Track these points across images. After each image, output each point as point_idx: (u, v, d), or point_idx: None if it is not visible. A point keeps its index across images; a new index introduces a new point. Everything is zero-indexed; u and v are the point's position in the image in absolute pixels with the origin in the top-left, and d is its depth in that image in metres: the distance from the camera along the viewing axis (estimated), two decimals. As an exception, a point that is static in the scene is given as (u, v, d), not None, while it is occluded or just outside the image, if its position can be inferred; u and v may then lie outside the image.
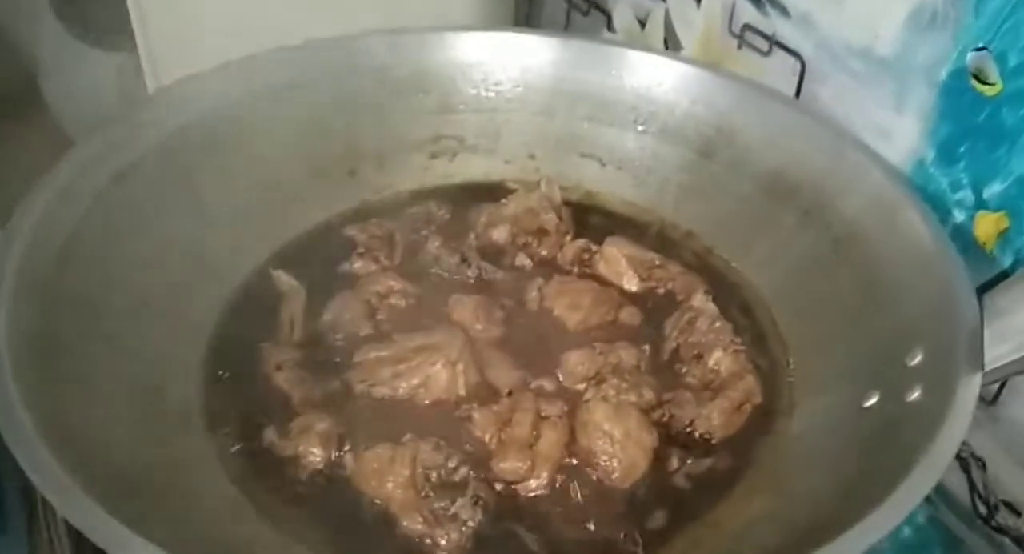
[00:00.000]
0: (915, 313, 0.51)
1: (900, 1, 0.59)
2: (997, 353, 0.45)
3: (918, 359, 0.49)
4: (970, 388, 0.45)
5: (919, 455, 0.42)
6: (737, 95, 0.65)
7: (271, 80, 0.65)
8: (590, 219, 0.68)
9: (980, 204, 0.59)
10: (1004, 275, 0.58)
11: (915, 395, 0.47)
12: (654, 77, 0.67)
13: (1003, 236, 0.58)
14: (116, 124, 0.58)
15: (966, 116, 0.59)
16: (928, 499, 0.64)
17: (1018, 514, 0.62)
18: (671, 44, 0.79)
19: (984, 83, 0.57)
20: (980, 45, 0.56)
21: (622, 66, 0.68)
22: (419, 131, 0.69)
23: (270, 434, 0.51)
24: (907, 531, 0.66)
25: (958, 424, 0.43)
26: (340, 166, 0.68)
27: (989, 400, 0.63)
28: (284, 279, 0.60)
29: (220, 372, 0.55)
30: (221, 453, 0.51)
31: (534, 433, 0.51)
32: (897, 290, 0.53)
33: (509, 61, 0.69)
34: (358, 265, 0.61)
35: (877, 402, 0.50)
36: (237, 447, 0.51)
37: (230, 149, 0.62)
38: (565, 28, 0.90)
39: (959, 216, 0.61)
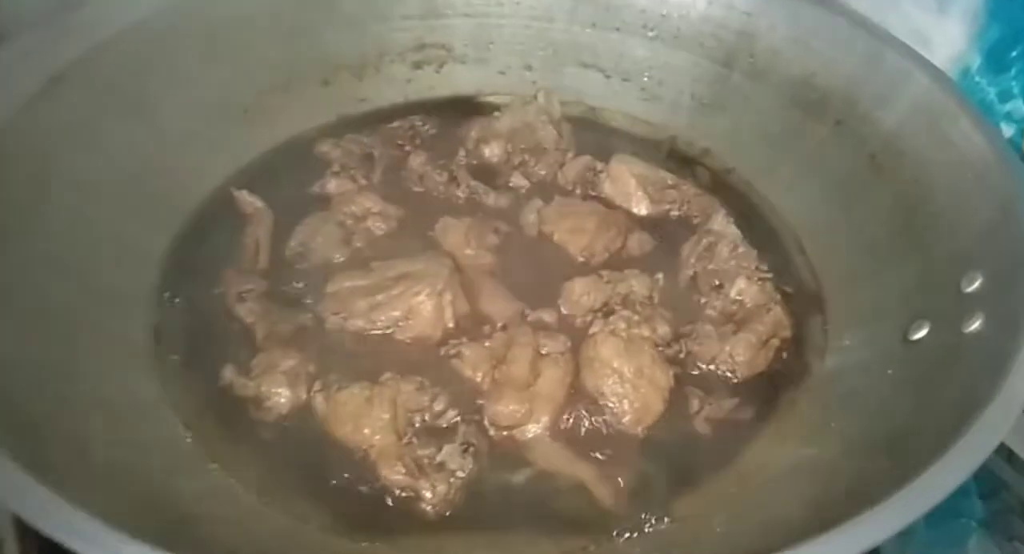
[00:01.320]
0: (971, 233, 0.45)
1: None
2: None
3: (977, 284, 0.43)
4: None
5: (986, 395, 0.36)
6: (764, -3, 0.57)
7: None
8: (593, 137, 0.61)
9: (1033, 115, 0.53)
10: None
11: (976, 325, 0.41)
12: (668, -26, 0.59)
13: (1057, 152, 0.52)
14: (55, 19, 0.50)
15: (1019, 16, 0.52)
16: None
17: None
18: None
19: (1044, -26, 0.50)
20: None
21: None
22: (400, 38, 0.62)
23: (229, 372, 0.45)
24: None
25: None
26: (312, 75, 0.60)
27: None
28: (248, 200, 0.53)
29: (173, 301, 0.48)
30: (172, 395, 0.44)
31: (533, 372, 0.45)
32: (948, 208, 0.47)
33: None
34: (332, 185, 0.54)
35: (928, 334, 0.44)
36: (190, 387, 0.44)
37: (184, 51, 0.55)
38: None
39: (1008, 130, 0.55)
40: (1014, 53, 0.53)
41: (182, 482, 0.40)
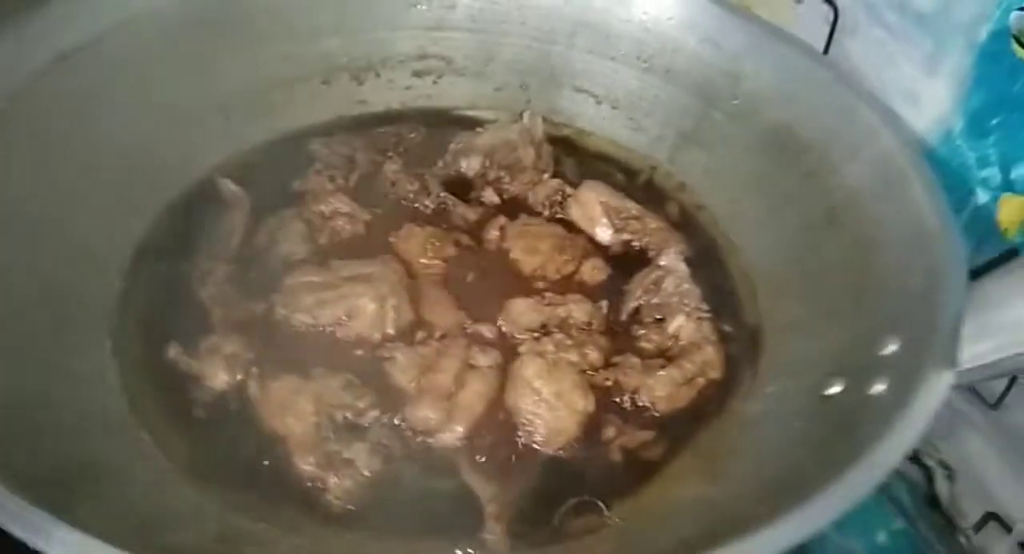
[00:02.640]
0: (900, 299, 0.46)
1: (944, -53, 0.53)
2: (977, 351, 0.39)
3: (892, 349, 0.44)
4: (936, 387, 0.39)
5: (858, 455, 0.37)
6: (750, 37, 0.59)
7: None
8: (575, 160, 0.63)
9: (1007, 185, 0.54)
10: None
11: (879, 388, 0.42)
12: (663, 9, 0.61)
13: (1026, 223, 0.52)
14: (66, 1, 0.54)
15: (1002, 84, 0.53)
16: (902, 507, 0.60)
17: (1008, 529, 0.58)
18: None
19: (1025, 47, 0.51)
20: (1024, 3, 0.50)
21: (632, -6, 0.62)
22: (404, 45, 0.65)
23: (175, 349, 0.48)
24: (883, 537, 0.62)
25: (913, 426, 0.38)
26: (314, 74, 0.63)
27: (992, 403, 0.58)
28: (230, 188, 0.57)
29: (142, 275, 0.52)
30: (120, 361, 0.48)
31: (458, 382, 0.47)
32: (886, 272, 0.48)
33: (509, -23, 0.64)
34: (310, 182, 0.57)
35: (840, 392, 0.45)
36: (138, 357, 0.48)
37: (192, 41, 0.58)
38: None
39: (983, 197, 0.55)
40: (995, 121, 0.53)
41: (105, 442, 0.43)
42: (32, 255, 0.48)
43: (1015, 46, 0.51)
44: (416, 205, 0.58)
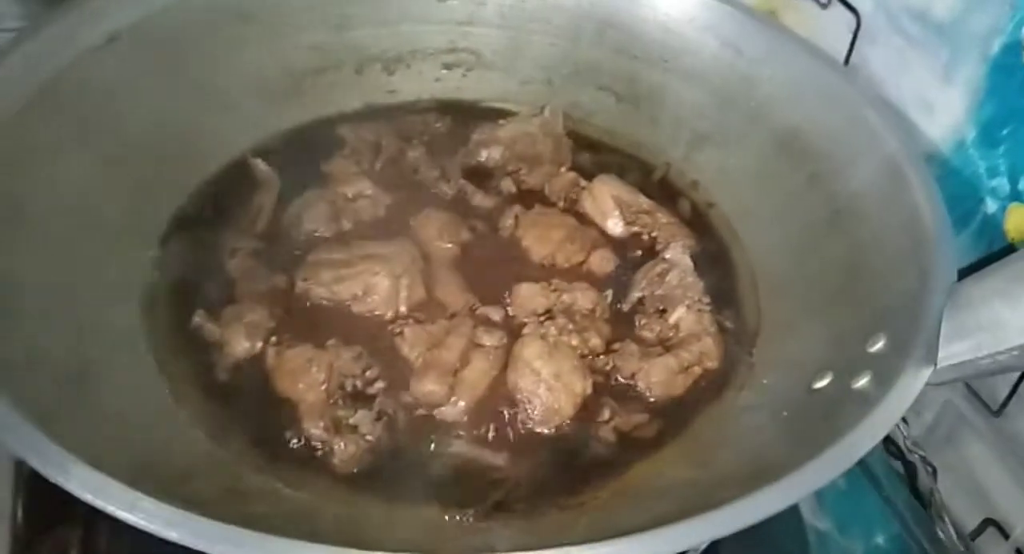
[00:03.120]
0: (892, 298, 0.47)
1: (962, -39, 0.54)
2: (953, 350, 0.41)
3: (879, 345, 0.46)
4: (913, 383, 0.41)
5: (831, 441, 0.39)
6: (768, 43, 0.60)
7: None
8: (594, 154, 0.65)
9: (1015, 195, 0.54)
10: None
11: (862, 382, 0.44)
12: (686, 11, 0.63)
13: (1033, 234, 0.53)
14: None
15: (1013, 96, 0.54)
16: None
17: (1006, 535, 0.58)
18: (736, -16, 0.74)
19: (1037, 61, 0.52)
20: (1037, 18, 0.51)
21: (657, -5, 0.64)
22: (436, 38, 0.67)
23: (200, 316, 0.51)
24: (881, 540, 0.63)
25: (886, 417, 0.39)
26: (347, 63, 0.66)
27: (995, 409, 0.59)
28: (261, 167, 0.60)
29: (176, 249, 0.55)
30: (150, 327, 0.51)
31: (463, 360, 0.50)
32: (883, 272, 0.49)
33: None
34: (337, 165, 0.60)
35: (827, 384, 0.47)
36: (168, 322, 0.51)
37: (231, 27, 0.61)
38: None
39: (991, 206, 0.56)
40: (1005, 131, 0.54)
41: (132, 398, 0.46)
42: (76, 222, 0.51)
43: (1026, 58, 0.52)
44: (436, 191, 0.60)
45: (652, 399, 0.51)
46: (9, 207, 0.48)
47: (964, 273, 0.56)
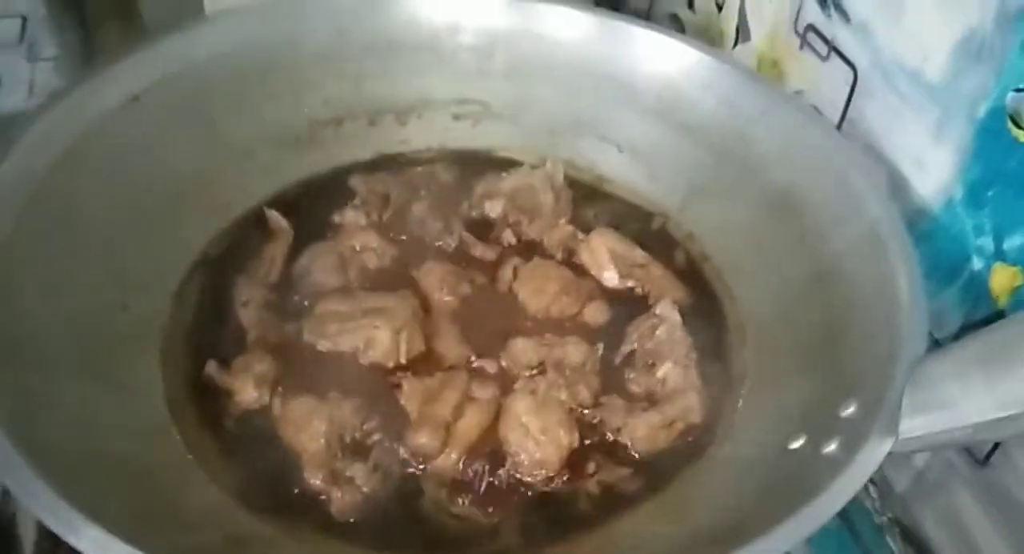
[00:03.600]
0: (864, 365, 0.49)
1: (952, 24, 0.55)
2: (913, 425, 0.42)
3: (850, 411, 0.47)
4: (875, 453, 0.42)
5: (795, 509, 0.41)
6: (764, 102, 0.62)
7: (313, 22, 0.67)
8: (595, 204, 0.67)
9: (999, 255, 0.56)
10: None
11: (831, 447, 0.46)
12: (684, 69, 0.65)
13: (1016, 293, 0.54)
14: (143, 46, 0.61)
15: (998, 159, 0.55)
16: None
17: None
18: (742, 33, 0.76)
19: (1020, 127, 0.53)
20: (1020, 86, 0.52)
21: (655, 52, 0.66)
22: (447, 90, 0.70)
23: (212, 366, 0.54)
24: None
25: (848, 487, 0.41)
26: (362, 115, 0.69)
27: (980, 460, 0.60)
28: (275, 218, 0.63)
29: (192, 298, 0.58)
30: (165, 374, 0.54)
31: (457, 413, 0.52)
32: (857, 337, 0.51)
33: (545, 32, 0.68)
34: (348, 216, 0.63)
35: (801, 446, 0.49)
36: (180, 369, 0.54)
37: (248, 83, 0.64)
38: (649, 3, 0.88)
39: (978, 264, 0.57)
40: (990, 193, 0.55)
41: (142, 445, 0.49)
42: (95, 272, 0.54)
43: (1010, 125, 0.54)
44: (440, 243, 0.63)
45: (636, 454, 0.53)
46: (34, 262, 0.51)
47: (957, 335, 0.58)
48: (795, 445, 0.49)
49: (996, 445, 0.59)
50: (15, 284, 0.49)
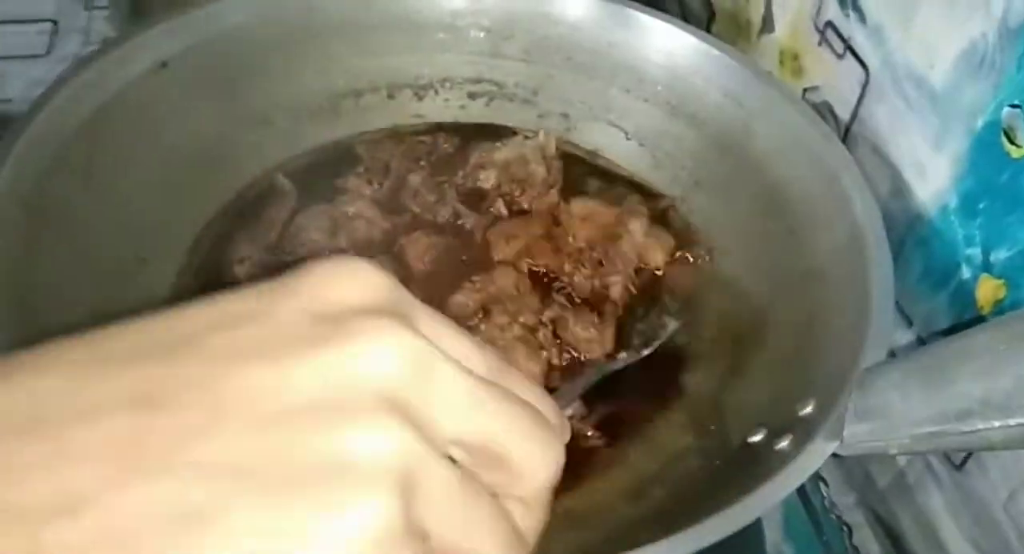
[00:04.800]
0: (828, 367, 0.48)
1: (958, 34, 0.54)
2: (856, 431, 0.42)
3: (808, 410, 0.47)
4: (817, 455, 0.42)
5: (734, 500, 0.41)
6: (768, 99, 0.61)
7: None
8: (602, 184, 0.67)
9: (986, 266, 0.55)
10: None
11: (783, 444, 0.45)
12: (695, 61, 0.64)
13: (999, 305, 0.54)
14: (171, 16, 0.62)
15: (990, 172, 0.54)
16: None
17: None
18: (767, 23, 0.75)
19: (1013, 142, 0.52)
20: (1016, 102, 0.51)
21: (666, 42, 0.65)
22: (463, 68, 0.70)
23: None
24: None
25: (776, 489, 0.41)
26: (381, 88, 0.70)
27: (957, 465, 0.59)
28: (280, 181, 0.64)
29: (200, 257, 0.60)
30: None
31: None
32: (831, 340, 0.50)
33: (561, 16, 0.68)
34: (350, 183, 0.63)
35: (760, 440, 0.49)
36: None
37: (271, 53, 0.65)
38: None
39: (967, 272, 0.57)
40: (981, 205, 0.54)
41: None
42: (116, 229, 0.56)
43: (1004, 140, 0.53)
44: (432, 214, 0.63)
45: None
46: (63, 217, 0.53)
47: (947, 332, 0.57)
48: (754, 439, 0.49)
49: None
50: (39, 240, 0.51)
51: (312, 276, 0.24)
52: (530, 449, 0.23)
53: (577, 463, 0.50)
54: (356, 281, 0.23)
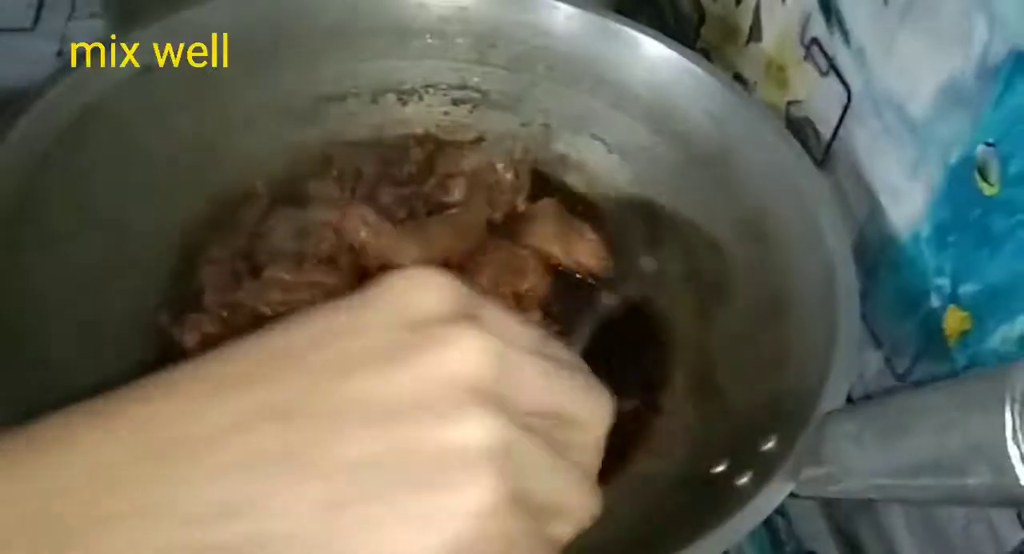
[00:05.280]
0: (791, 403, 0.48)
1: (938, 66, 0.53)
2: (811, 474, 0.42)
3: (769, 445, 0.47)
4: (774, 495, 0.42)
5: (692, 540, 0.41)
6: (749, 123, 0.60)
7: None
8: (575, 201, 0.67)
9: (954, 298, 0.55)
10: (958, 374, 0.54)
11: (744, 480, 0.46)
12: (677, 79, 0.63)
13: (964, 338, 0.54)
14: (156, 20, 0.61)
15: (962, 207, 0.53)
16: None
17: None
18: (754, 31, 0.75)
19: (985, 180, 0.52)
20: (991, 140, 0.51)
21: (651, 58, 0.64)
22: (448, 75, 0.69)
23: (164, 317, 0.55)
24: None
25: (732, 531, 0.41)
26: (365, 91, 0.69)
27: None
28: (257, 186, 0.63)
29: (181, 257, 0.60)
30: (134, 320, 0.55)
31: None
32: (796, 374, 0.50)
33: (547, 27, 0.67)
34: (319, 188, 0.62)
35: (722, 472, 0.49)
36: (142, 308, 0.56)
37: (259, 56, 0.64)
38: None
39: (935, 301, 0.57)
40: (952, 238, 0.54)
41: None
42: (95, 232, 0.56)
43: (977, 176, 0.53)
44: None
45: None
46: (44, 223, 0.53)
47: (910, 367, 0.57)
48: (718, 469, 0.49)
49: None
50: (21, 246, 0.51)
51: (393, 290, 0.27)
52: (590, 405, 0.28)
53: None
54: (431, 291, 0.27)
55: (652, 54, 0.64)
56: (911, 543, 0.59)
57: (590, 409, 0.28)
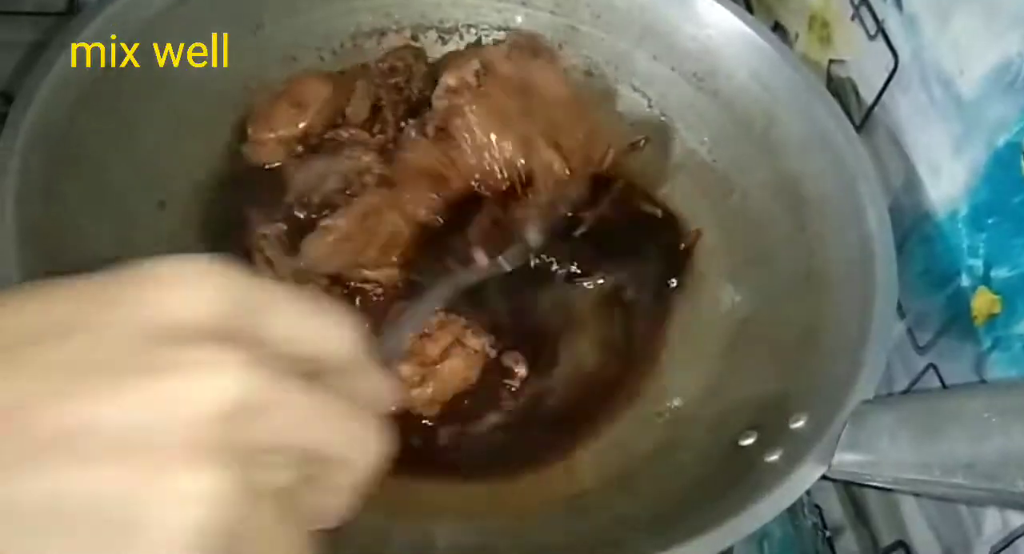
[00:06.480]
0: (824, 382, 0.48)
1: (993, 46, 0.51)
2: (845, 460, 0.43)
3: (799, 424, 0.48)
4: (807, 477, 0.43)
5: (723, 518, 0.43)
6: (794, 87, 0.59)
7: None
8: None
9: (985, 280, 0.55)
10: (982, 355, 0.55)
11: (775, 457, 0.47)
12: (725, 37, 0.61)
13: (991, 320, 0.54)
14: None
15: (1004, 191, 0.53)
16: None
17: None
18: (804, -11, 0.72)
19: (1030, 166, 0.51)
20: (1039, 125, 0.50)
21: (700, 14, 0.62)
22: (492, 15, 0.67)
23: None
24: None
25: (767, 508, 0.42)
26: (406, 27, 0.67)
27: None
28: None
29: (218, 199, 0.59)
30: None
31: (444, 355, 0.54)
32: (827, 350, 0.51)
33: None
34: (346, 134, 0.61)
35: (751, 445, 0.50)
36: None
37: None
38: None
39: (965, 281, 0.57)
40: (991, 220, 0.54)
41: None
42: (138, 171, 0.56)
43: (1023, 163, 0.52)
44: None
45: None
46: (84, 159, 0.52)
47: (932, 341, 0.58)
48: (745, 442, 0.50)
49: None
50: (61, 181, 0.50)
51: (150, 284, 0.22)
52: (354, 446, 0.24)
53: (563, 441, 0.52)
54: (195, 291, 0.22)
55: (702, 9, 0.62)
56: (915, 502, 0.60)
57: (352, 450, 0.24)
